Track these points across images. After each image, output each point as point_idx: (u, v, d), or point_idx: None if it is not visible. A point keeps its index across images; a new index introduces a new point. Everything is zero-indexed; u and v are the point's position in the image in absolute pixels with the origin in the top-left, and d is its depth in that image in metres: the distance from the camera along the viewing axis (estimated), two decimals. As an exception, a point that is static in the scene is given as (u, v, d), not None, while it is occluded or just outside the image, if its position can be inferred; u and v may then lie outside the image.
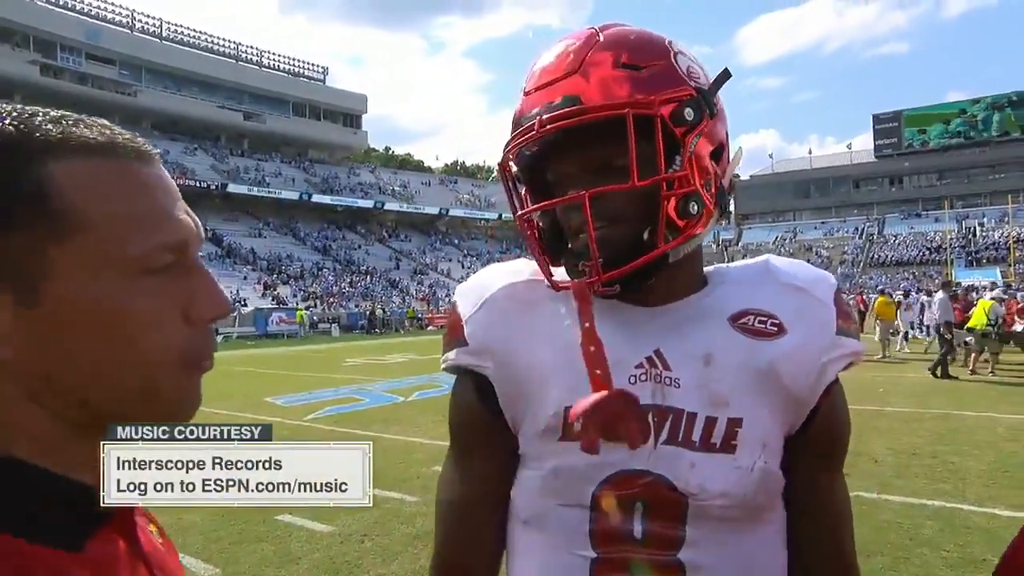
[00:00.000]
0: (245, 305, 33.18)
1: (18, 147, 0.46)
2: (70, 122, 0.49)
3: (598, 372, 0.72)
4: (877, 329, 15.17)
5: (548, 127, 0.73)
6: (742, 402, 0.76)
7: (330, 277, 43.99)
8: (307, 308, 34.74)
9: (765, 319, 0.79)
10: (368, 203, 57.88)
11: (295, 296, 38.66)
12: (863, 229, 67.68)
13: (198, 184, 48.72)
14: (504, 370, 0.80)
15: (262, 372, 15.40)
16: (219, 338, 27.46)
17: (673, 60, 0.77)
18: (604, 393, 0.69)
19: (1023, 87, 65.07)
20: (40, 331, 0.47)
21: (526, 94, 0.79)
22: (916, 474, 5.38)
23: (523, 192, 0.85)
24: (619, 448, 0.72)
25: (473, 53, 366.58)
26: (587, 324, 0.73)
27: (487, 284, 0.86)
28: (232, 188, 50.37)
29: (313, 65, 63.37)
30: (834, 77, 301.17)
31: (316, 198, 54.28)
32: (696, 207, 0.76)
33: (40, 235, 0.46)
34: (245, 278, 40.35)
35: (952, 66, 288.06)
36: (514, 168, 0.84)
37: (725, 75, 0.80)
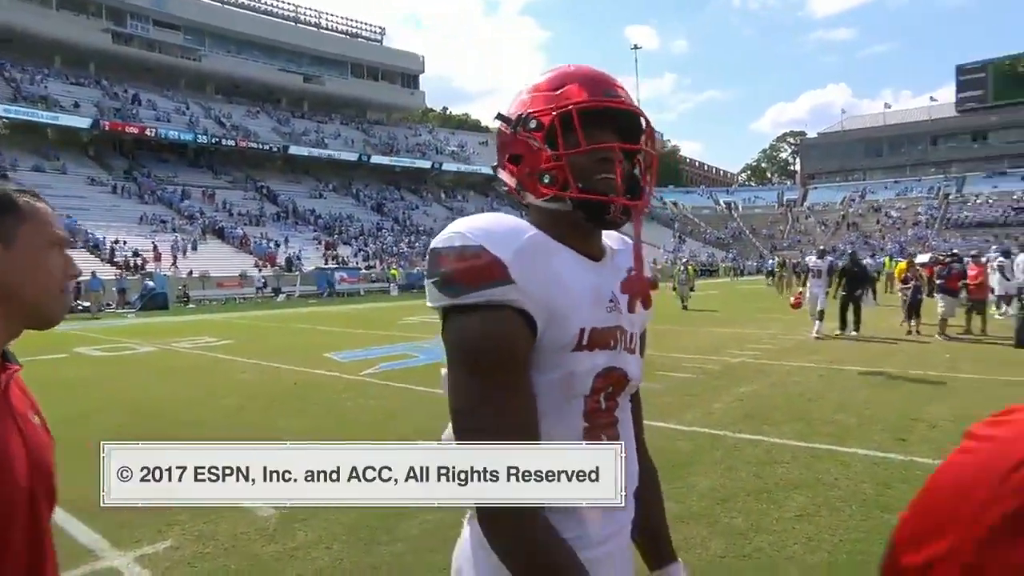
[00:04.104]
0: (325, 266, 33.95)
1: (8, 199, 1.09)
2: (20, 191, 1.13)
3: (641, 265, 1.16)
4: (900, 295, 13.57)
5: (643, 113, 1.16)
6: (638, 322, 1.22)
7: (388, 237, 44.70)
8: (367, 267, 35.44)
9: None
10: (426, 164, 58.25)
11: (355, 256, 39.46)
12: (939, 189, 64.24)
13: (260, 147, 49.88)
14: (541, 303, 1.04)
15: (323, 329, 15.92)
16: (282, 296, 28.46)
17: None
18: (643, 277, 1.15)
19: None
20: (9, 265, 1.05)
21: (610, 85, 1.14)
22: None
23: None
24: (604, 352, 1.10)
25: (530, 10, 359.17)
26: (638, 231, 1.13)
27: (512, 232, 1.07)
28: (293, 150, 51.40)
29: (370, 26, 63.52)
30: (912, 27, 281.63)
31: (375, 159, 54.95)
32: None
33: (12, 221, 1.07)
34: (313, 238, 41.39)
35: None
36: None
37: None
